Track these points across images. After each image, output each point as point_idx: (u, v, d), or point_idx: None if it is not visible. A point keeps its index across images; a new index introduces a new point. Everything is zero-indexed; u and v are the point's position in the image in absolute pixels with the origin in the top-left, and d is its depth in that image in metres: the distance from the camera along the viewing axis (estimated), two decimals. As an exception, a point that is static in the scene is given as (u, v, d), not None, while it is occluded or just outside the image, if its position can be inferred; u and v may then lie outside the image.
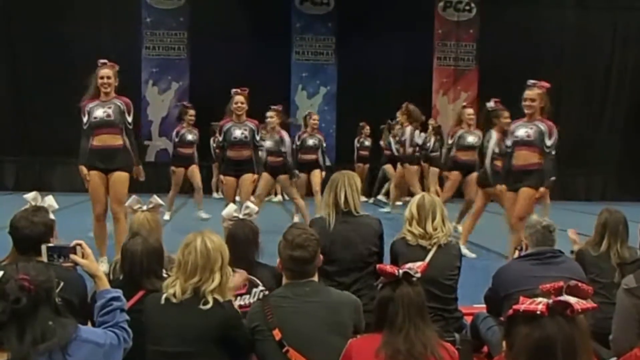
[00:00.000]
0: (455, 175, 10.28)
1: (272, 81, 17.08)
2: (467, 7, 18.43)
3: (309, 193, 11.96)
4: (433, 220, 4.66)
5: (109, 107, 7.44)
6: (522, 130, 7.48)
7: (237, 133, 9.07)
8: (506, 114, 8.89)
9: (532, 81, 7.96)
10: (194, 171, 12.15)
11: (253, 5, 17.24)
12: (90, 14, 17.21)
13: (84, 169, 7.48)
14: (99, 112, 7.41)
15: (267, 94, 14.28)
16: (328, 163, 13.25)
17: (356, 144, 16.57)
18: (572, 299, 2.26)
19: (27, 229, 3.67)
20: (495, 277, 4.67)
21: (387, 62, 17.51)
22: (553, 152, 7.48)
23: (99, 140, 7.44)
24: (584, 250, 5.02)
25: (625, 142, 18.10)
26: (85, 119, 7.47)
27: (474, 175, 9.62)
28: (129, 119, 7.54)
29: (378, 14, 17.41)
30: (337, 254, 4.71)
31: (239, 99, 9.09)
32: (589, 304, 2.29)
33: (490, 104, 9.21)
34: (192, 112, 12.47)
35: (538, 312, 2.22)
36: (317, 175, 11.65)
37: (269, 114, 10.93)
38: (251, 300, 4.16)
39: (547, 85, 7.80)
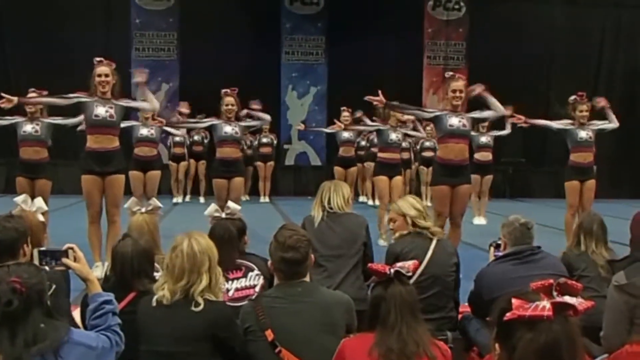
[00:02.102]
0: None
1: (262, 81, 17.05)
2: (457, 6, 18.47)
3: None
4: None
5: (111, 107, 7.34)
6: (455, 119, 7.42)
7: (228, 129, 8.91)
8: (583, 107, 8.96)
9: (450, 73, 7.98)
10: None
11: (243, 6, 17.23)
12: (79, 16, 17.16)
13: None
14: (101, 111, 7.29)
15: (257, 95, 14.29)
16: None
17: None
18: (573, 300, 2.25)
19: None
20: (477, 280, 4.68)
21: (377, 62, 17.50)
22: None
23: (95, 142, 7.33)
24: (567, 252, 5.13)
25: (616, 139, 18.13)
26: (73, 95, 7.39)
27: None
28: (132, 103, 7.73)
29: (368, 13, 17.44)
30: (320, 244, 4.97)
31: (230, 101, 8.94)
32: (587, 302, 2.30)
33: (573, 97, 9.19)
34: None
35: (545, 317, 2.20)
36: (398, 184, 9.97)
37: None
38: (247, 284, 4.29)
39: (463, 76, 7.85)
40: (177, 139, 15.43)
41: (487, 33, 17.77)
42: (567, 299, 2.26)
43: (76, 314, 3.97)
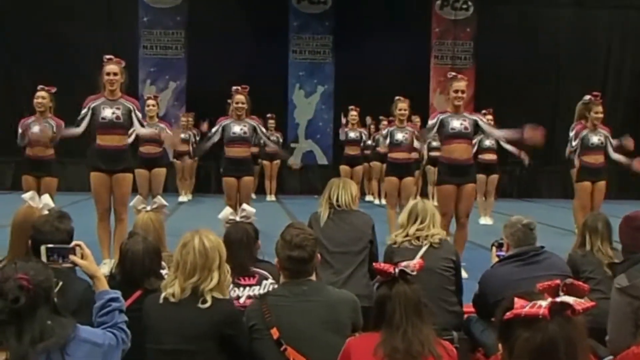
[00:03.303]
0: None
1: (269, 80, 17.07)
2: (464, 6, 18.43)
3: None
4: (421, 223, 4.78)
5: (118, 108, 7.33)
6: (457, 122, 7.44)
7: (237, 129, 8.91)
8: (598, 108, 8.80)
9: (452, 73, 7.90)
10: None
11: (250, 4, 17.22)
12: (87, 13, 17.19)
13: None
14: (107, 113, 7.30)
15: (265, 93, 14.34)
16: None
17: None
18: (571, 300, 2.25)
19: (51, 234, 3.61)
20: (481, 283, 4.67)
21: (384, 61, 17.49)
22: None
23: (104, 140, 7.35)
24: (572, 253, 5.10)
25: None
26: (84, 111, 7.35)
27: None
28: (140, 115, 7.51)
29: (375, 12, 17.42)
30: (327, 240, 5.00)
31: (240, 99, 8.90)
32: (587, 303, 2.29)
33: (587, 97, 9.02)
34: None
35: (540, 316, 2.20)
36: (408, 185, 9.76)
37: (150, 102, 10.68)
38: (261, 292, 4.21)
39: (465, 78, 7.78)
40: (182, 135, 15.40)
41: (495, 33, 17.74)
42: (565, 298, 2.26)
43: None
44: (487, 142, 12.19)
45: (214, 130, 9.06)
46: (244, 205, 4.83)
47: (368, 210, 6.32)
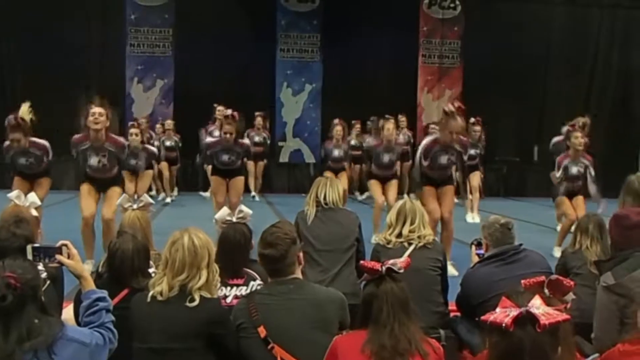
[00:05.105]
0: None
1: (257, 78, 17.06)
2: (452, 5, 18.45)
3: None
4: (412, 224, 4.79)
5: (104, 156, 7.28)
6: (444, 157, 7.83)
7: (224, 158, 8.82)
8: (577, 134, 9.06)
9: (451, 108, 7.91)
10: None
11: (238, 3, 17.20)
12: (74, 12, 17.11)
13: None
14: (94, 162, 7.28)
15: (252, 92, 14.32)
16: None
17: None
18: (540, 313, 2.30)
19: (7, 241, 3.57)
20: (463, 284, 4.69)
21: (372, 60, 17.50)
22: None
23: (94, 174, 7.44)
24: (564, 252, 5.21)
25: (610, 138, 18.19)
26: (74, 152, 7.37)
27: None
28: (126, 153, 7.65)
29: (363, 11, 17.41)
30: (315, 239, 5.07)
31: (229, 129, 8.66)
32: (559, 315, 2.32)
33: (564, 129, 9.43)
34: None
35: (503, 326, 2.26)
36: (392, 186, 9.95)
37: (133, 130, 10.98)
38: (247, 292, 4.19)
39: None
40: (167, 143, 15.19)
41: (483, 32, 17.76)
42: (535, 311, 2.30)
43: (69, 310, 3.97)
44: (471, 152, 12.03)
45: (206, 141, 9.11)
46: (241, 206, 4.83)
47: (351, 206, 6.35)
